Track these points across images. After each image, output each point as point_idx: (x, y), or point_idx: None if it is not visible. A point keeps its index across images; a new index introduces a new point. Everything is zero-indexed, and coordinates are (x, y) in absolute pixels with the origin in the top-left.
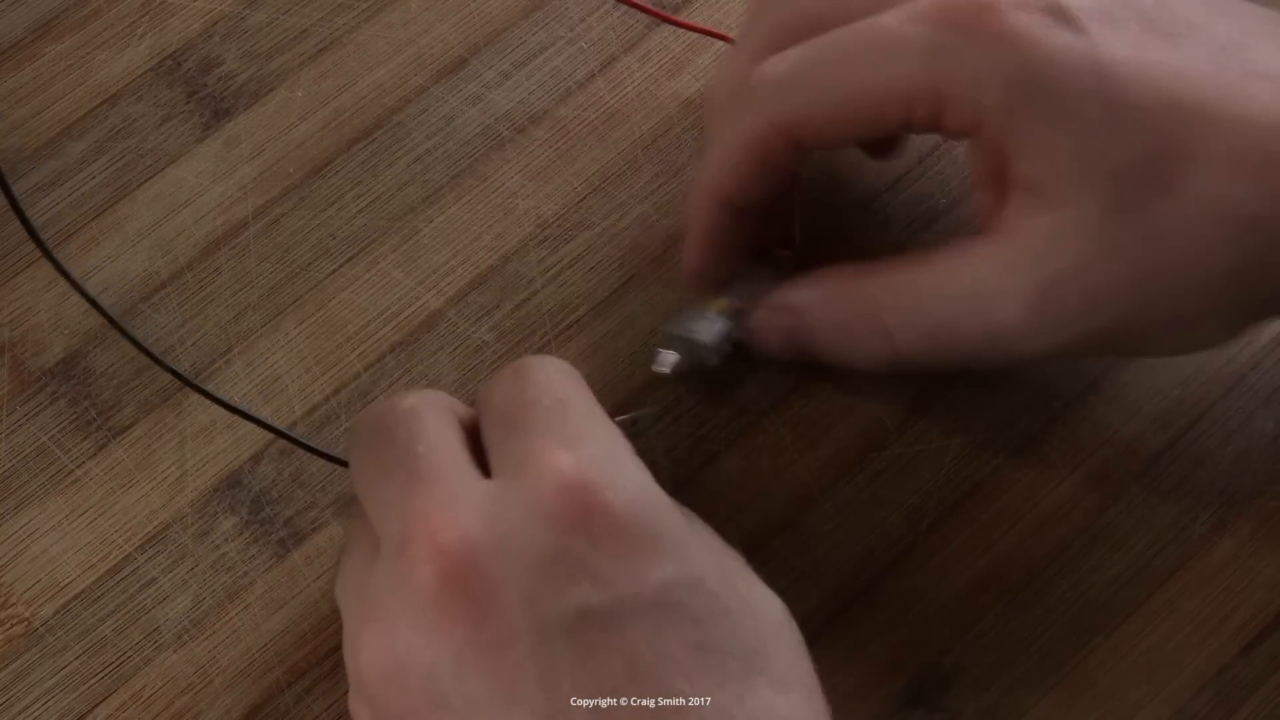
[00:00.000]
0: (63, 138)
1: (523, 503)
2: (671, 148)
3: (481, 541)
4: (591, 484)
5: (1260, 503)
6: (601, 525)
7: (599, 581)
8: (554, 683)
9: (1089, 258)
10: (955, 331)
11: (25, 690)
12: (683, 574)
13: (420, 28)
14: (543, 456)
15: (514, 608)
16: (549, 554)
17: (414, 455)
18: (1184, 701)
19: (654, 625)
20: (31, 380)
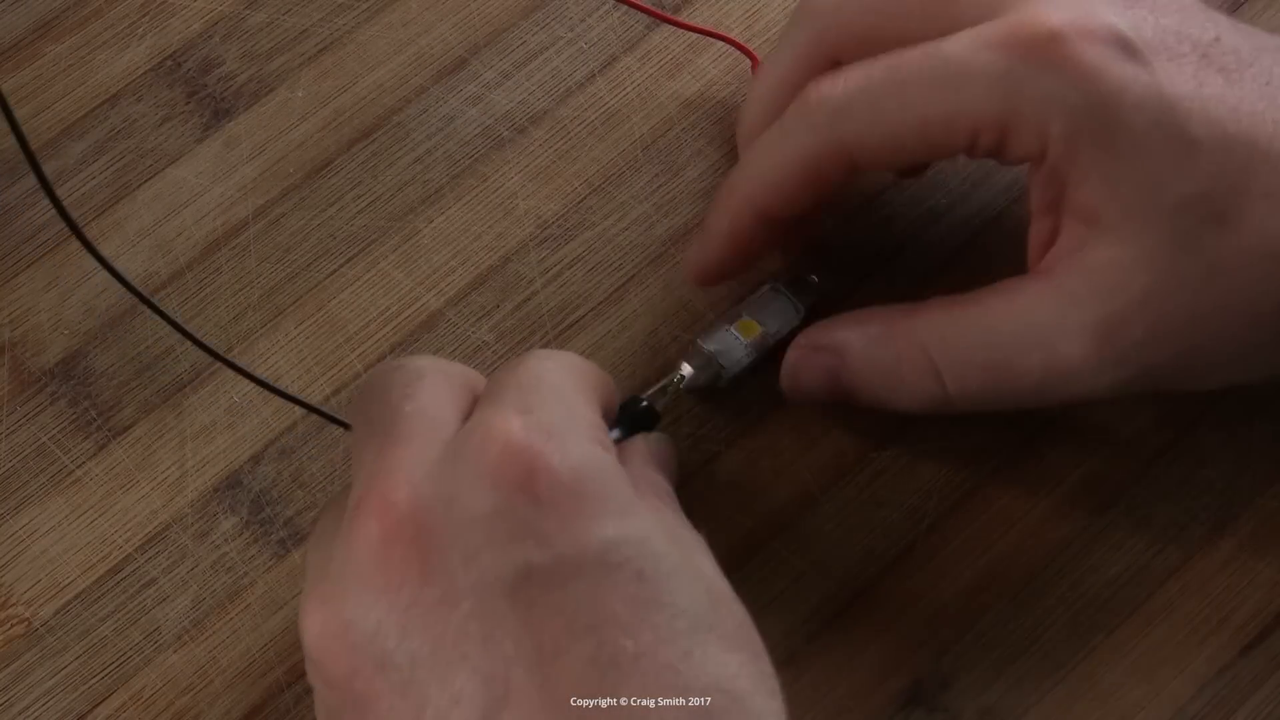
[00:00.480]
0: (63, 138)
1: (469, 463)
2: (671, 148)
3: (429, 500)
4: (536, 447)
5: (1260, 503)
6: (545, 485)
7: (540, 540)
8: (495, 642)
9: (1152, 292)
10: (1011, 371)
11: (25, 690)
12: (626, 534)
13: (420, 28)
14: (494, 420)
15: (458, 567)
16: (492, 513)
17: (399, 416)
18: (1184, 701)
19: (595, 583)
20: (32, 380)
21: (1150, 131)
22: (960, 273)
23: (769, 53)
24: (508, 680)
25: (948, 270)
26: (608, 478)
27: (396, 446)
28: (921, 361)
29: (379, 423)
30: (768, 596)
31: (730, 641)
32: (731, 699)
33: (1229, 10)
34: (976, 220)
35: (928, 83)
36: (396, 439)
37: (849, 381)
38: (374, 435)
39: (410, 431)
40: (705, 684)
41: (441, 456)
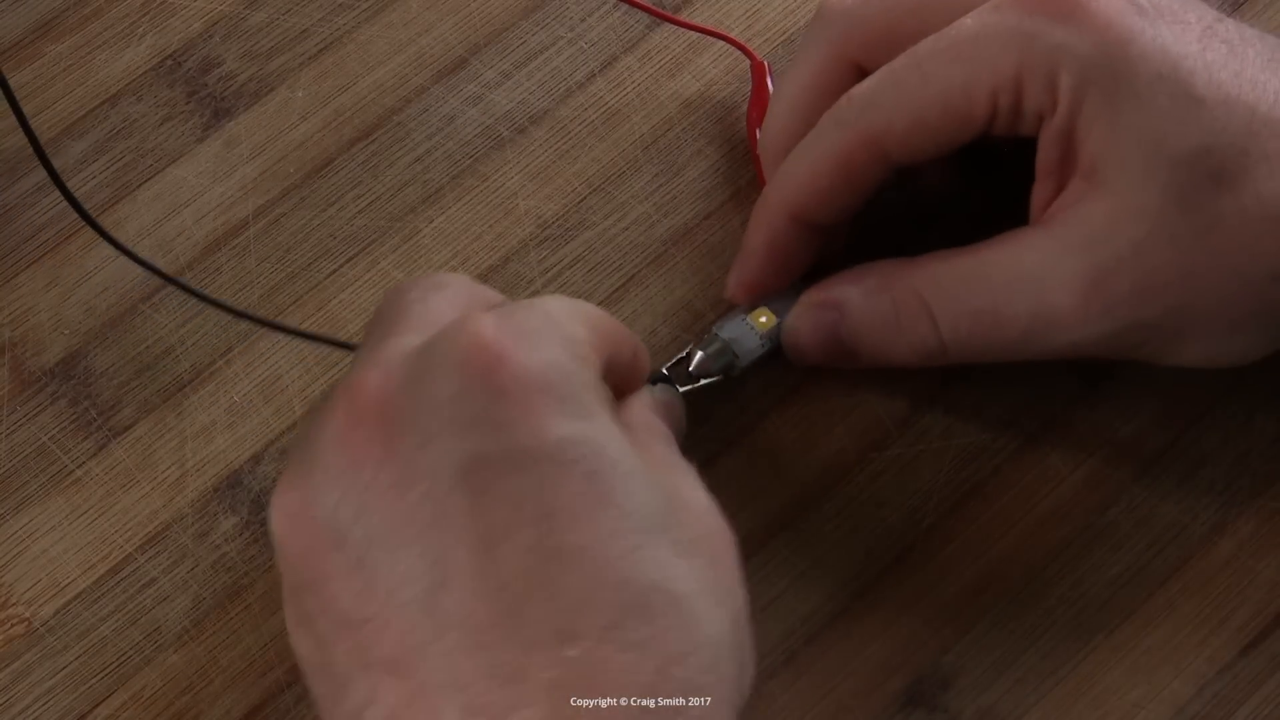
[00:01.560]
0: (63, 137)
1: (440, 351)
2: (672, 148)
3: (396, 384)
4: (506, 341)
5: (1260, 503)
6: (508, 377)
7: (496, 429)
8: (443, 525)
9: (1145, 246)
10: (1003, 317)
11: (25, 690)
12: (582, 434)
13: (420, 28)
14: (470, 318)
15: (415, 449)
16: (453, 398)
17: (406, 313)
18: (1184, 702)
19: (545, 476)
20: (32, 380)
21: (1155, 84)
22: None
23: (789, 62)
24: (451, 563)
25: None
26: (573, 382)
27: (393, 336)
28: (917, 308)
29: (386, 319)
30: (768, 596)
31: (684, 547)
32: (671, 599)
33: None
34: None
35: (944, 53)
36: (396, 330)
37: (849, 335)
38: (375, 329)
39: (409, 325)
40: (645, 582)
41: (418, 348)
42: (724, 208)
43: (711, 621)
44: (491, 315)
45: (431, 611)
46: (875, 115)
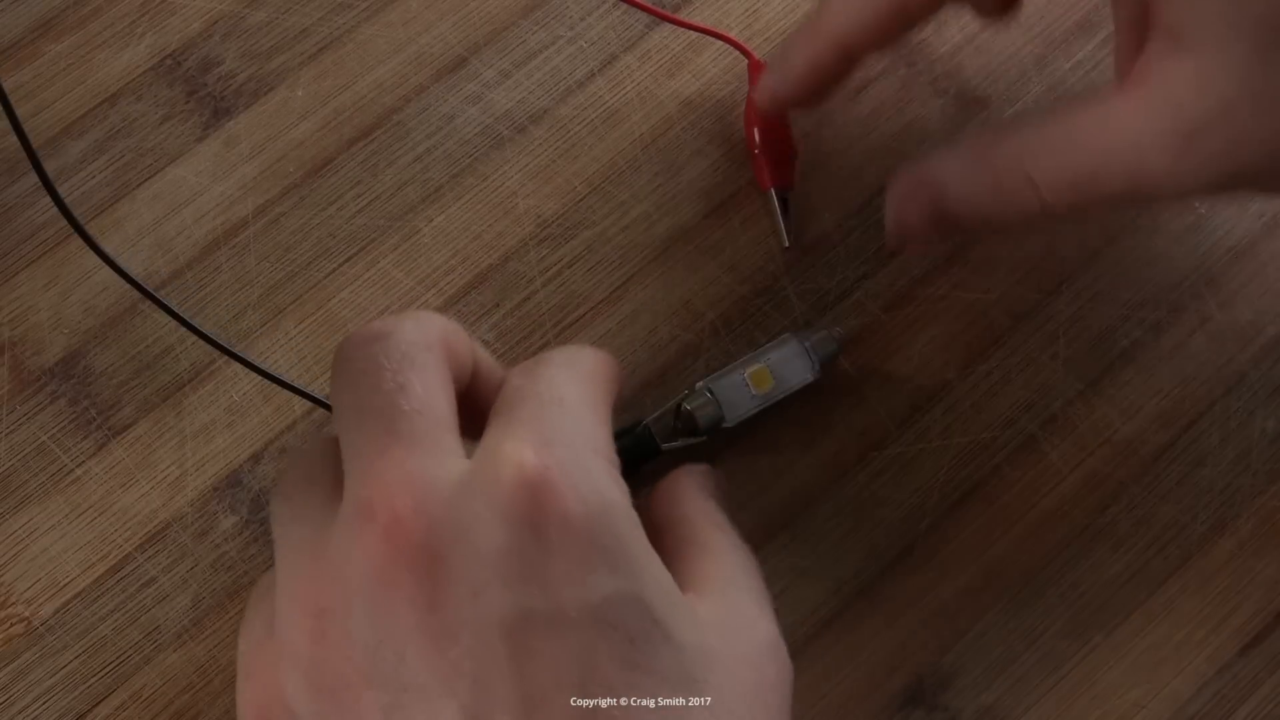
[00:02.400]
0: (63, 137)
1: (485, 494)
2: (671, 147)
3: (442, 526)
4: (552, 485)
5: (1260, 502)
6: (555, 529)
7: (544, 586)
8: (486, 682)
9: (1233, 103)
10: (1101, 180)
11: (25, 689)
12: (625, 591)
13: (420, 27)
14: (514, 450)
15: (463, 600)
16: (502, 551)
17: (398, 412)
18: (1184, 701)
19: (588, 639)
20: (32, 379)
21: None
22: (961, 272)
23: None
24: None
25: (948, 270)
26: (619, 525)
27: (400, 450)
28: (1019, 178)
29: (376, 412)
30: None
31: (719, 714)
32: None
33: None
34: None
35: None
36: (399, 438)
37: (953, 207)
38: (369, 425)
39: (412, 432)
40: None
41: (455, 478)
42: (724, 207)
43: None
44: (530, 447)
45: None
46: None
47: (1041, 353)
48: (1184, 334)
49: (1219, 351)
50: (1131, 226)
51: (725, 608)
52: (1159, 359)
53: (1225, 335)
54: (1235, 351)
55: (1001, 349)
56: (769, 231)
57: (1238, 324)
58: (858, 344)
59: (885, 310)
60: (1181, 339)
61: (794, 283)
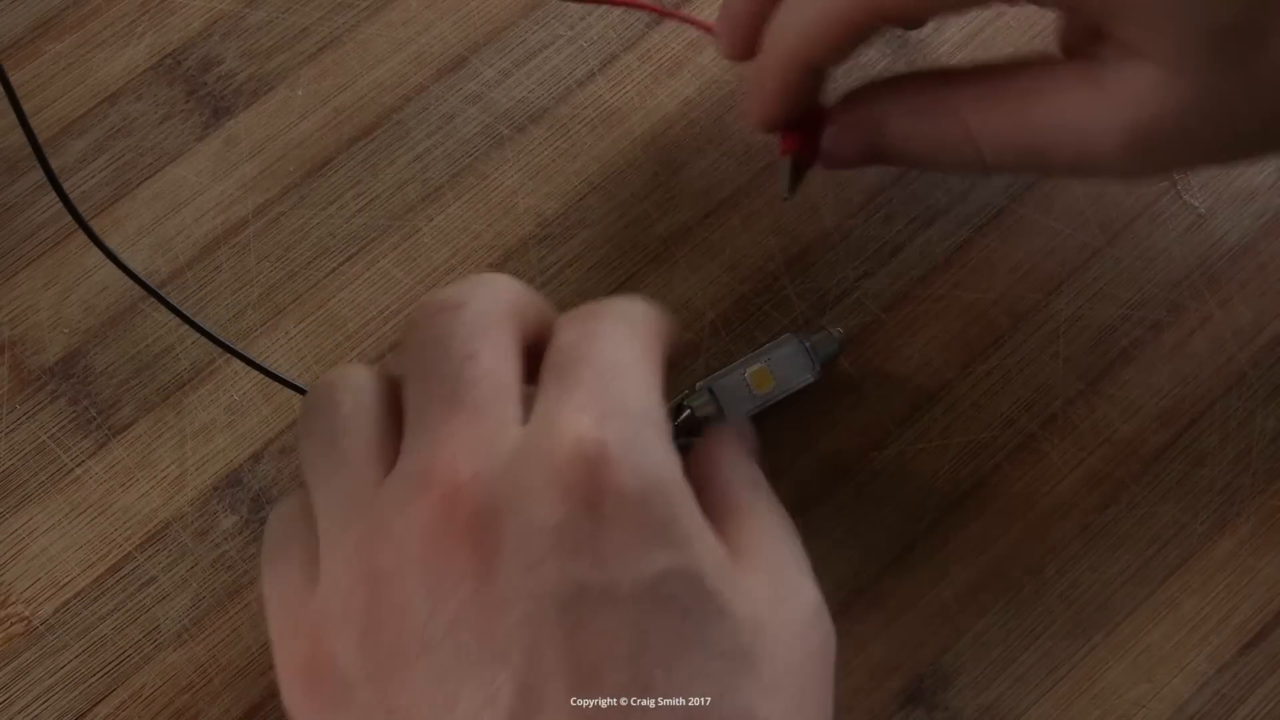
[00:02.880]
0: (63, 136)
1: (542, 466)
2: (671, 146)
3: (499, 498)
4: (610, 461)
5: (1260, 501)
6: (611, 504)
7: (599, 561)
8: (539, 654)
9: (1189, 106)
10: (1047, 154)
11: (25, 689)
12: (680, 567)
13: (420, 26)
14: (571, 421)
15: (518, 573)
16: (557, 524)
17: (463, 380)
18: (1184, 700)
19: (642, 613)
20: (31, 379)
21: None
22: (960, 272)
23: None
24: (543, 693)
25: (948, 270)
26: (674, 500)
27: (461, 418)
28: (961, 134)
29: (440, 381)
30: None
31: (770, 686)
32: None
33: None
34: (976, 219)
35: None
36: (462, 406)
37: (889, 147)
38: (435, 390)
39: (476, 402)
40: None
41: (511, 449)
42: (723, 206)
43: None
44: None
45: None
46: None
47: (1041, 352)
48: (1184, 334)
49: (1219, 351)
50: (1131, 226)
51: (770, 576)
52: (1159, 359)
53: (1225, 335)
54: (1235, 351)
55: (1001, 349)
56: (769, 230)
57: (1238, 324)
58: (857, 344)
59: (885, 310)
60: (1181, 339)
61: (794, 282)
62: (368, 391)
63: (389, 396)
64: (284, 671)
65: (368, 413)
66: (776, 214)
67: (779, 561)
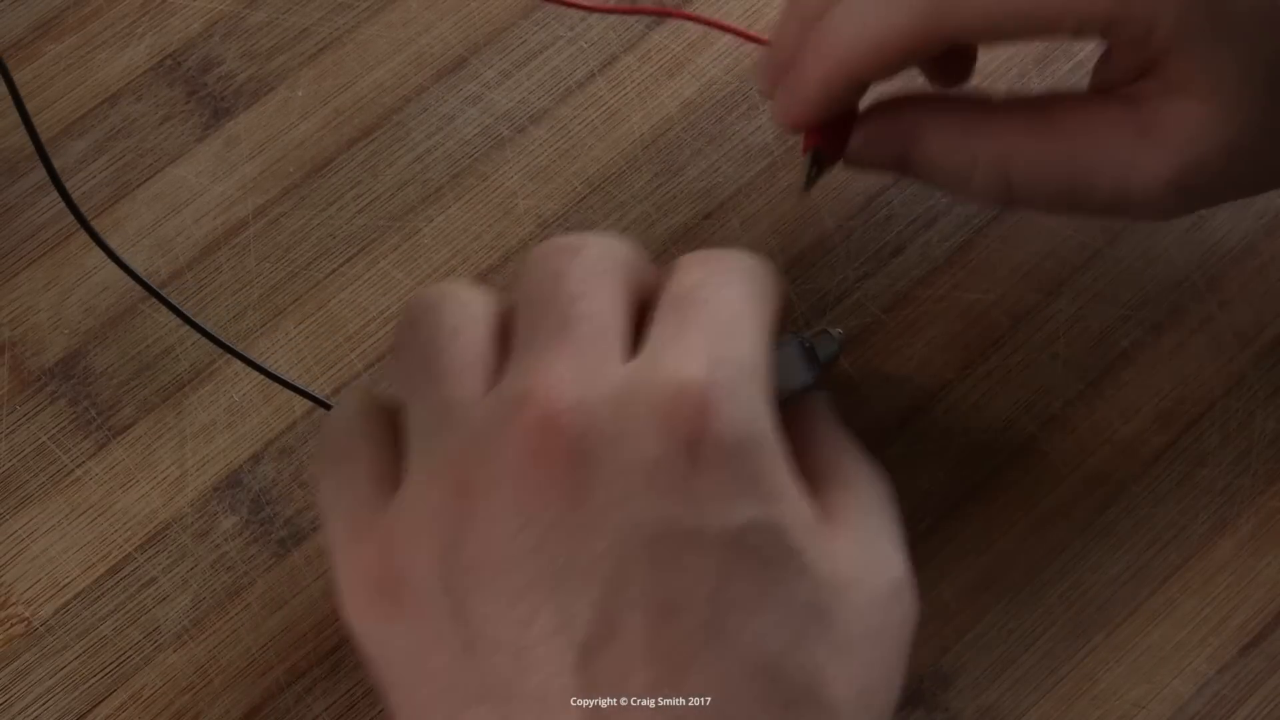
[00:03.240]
0: (63, 137)
1: (646, 403)
2: (671, 147)
3: (600, 426)
4: (714, 408)
5: (1260, 502)
6: (709, 449)
7: (690, 502)
8: (622, 584)
9: (1235, 146)
10: (1081, 193)
11: (25, 690)
12: (766, 519)
13: (420, 27)
14: (683, 363)
15: (610, 502)
16: (653, 460)
17: (574, 313)
18: (1184, 701)
19: (725, 558)
20: (31, 380)
21: (1251, 13)
22: (961, 273)
23: None
24: (620, 623)
25: (948, 271)
26: (767, 455)
27: (567, 348)
28: (995, 169)
29: (550, 313)
30: None
31: (843, 648)
32: (818, 705)
33: None
34: (976, 220)
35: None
36: (569, 340)
37: (916, 166)
38: (543, 325)
39: (582, 337)
40: (798, 683)
41: (616, 383)
42: (724, 208)
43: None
44: (700, 362)
45: (590, 661)
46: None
47: (1041, 353)
48: (1184, 334)
49: (1219, 351)
50: (1132, 227)
51: (861, 543)
52: (1159, 359)
53: (1225, 335)
54: (1235, 351)
55: (1001, 349)
56: (770, 231)
57: (1238, 324)
58: (858, 344)
59: (885, 311)
60: (1181, 339)
61: (794, 283)
62: (476, 307)
63: (496, 319)
64: (348, 579)
65: (474, 328)
66: (777, 215)
67: (871, 530)
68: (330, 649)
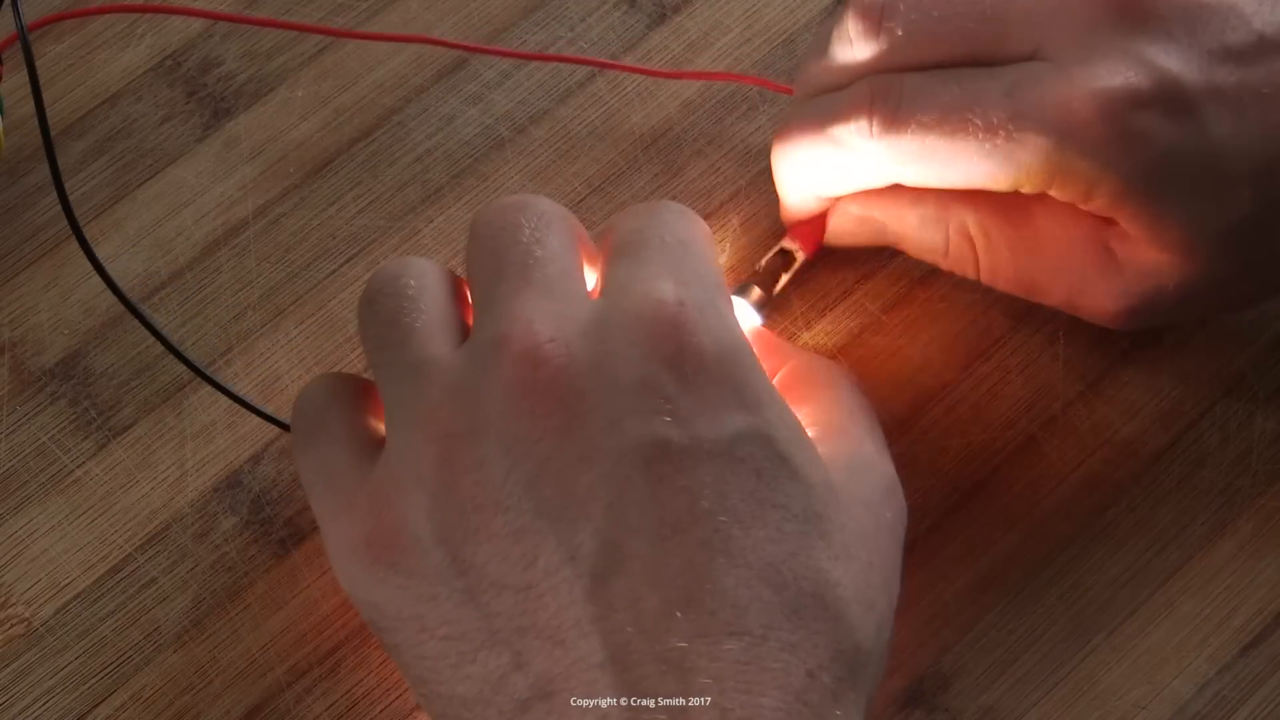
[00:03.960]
0: (63, 137)
1: (623, 327)
2: (671, 147)
3: (581, 356)
4: (691, 324)
5: (1260, 502)
6: (692, 365)
7: (680, 419)
8: (621, 509)
9: (1188, 282)
10: (1040, 289)
11: (25, 690)
12: (755, 429)
13: (420, 27)
14: (651, 287)
15: (600, 428)
16: (640, 383)
17: (532, 259)
18: (1184, 701)
19: (720, 471)
20: (32, 380)
21: (1197, 182)
22: None
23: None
24: (626, 548)
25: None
26: (747, 368)
27: (534, 290)
28: (966, 251)
29: (511, 261)
30: None
31: (841, 550)
32: (823, 606)
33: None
34: None
35: (977, 151)
36: (533, 282)
37: (893, 242)
38: (503, 272)
39: (546, 278)
40: (802, 587)
41: (591, 312)
42: (724, 208)
43: (860, 627)
44: (669, 284)
45: (599, 590)
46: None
47: (1041, 353)
48: (1184, 334)
49: (1219, 352)
50: None
51: (845, 448)
52: (1159, 359)
53: (1225, 335)
54: (1235, 352)
55: (1001, 350)
56: (770, 232)
57: (1238, 324)
58: (858, 345)
59: (885, 311)
60: (1182, 339)
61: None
62: (432, 274)
63: (454, 282)
64: (340, 547)
65: (436, 289)
66: (777, 215)
67: (855, 435)
68: (331, 649)
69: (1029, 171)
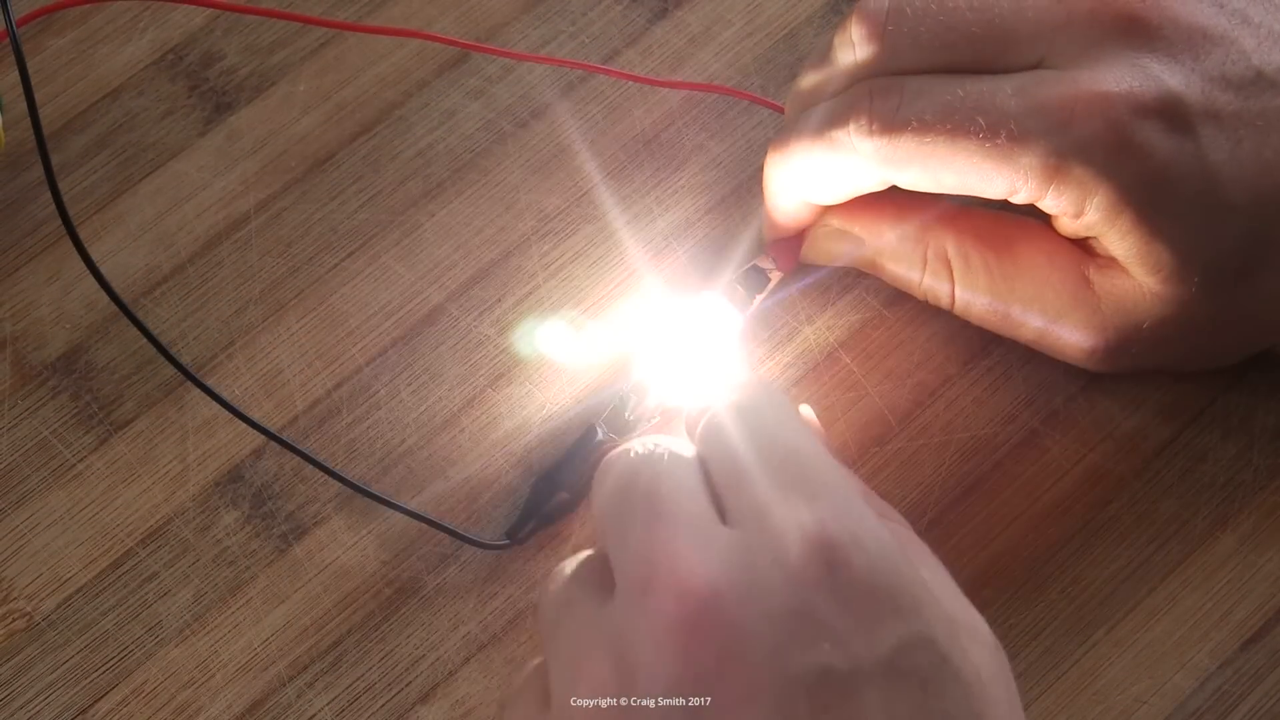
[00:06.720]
0: (65, 132)
1: (768, 556)
2: (673, 142)
3: (728, 590)
4: (834, 540)
5: (1262, 497)
6: (844, 584)
7: (839, 643)
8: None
9: (1164, 322)
10: (1014, 322)
11: (27, 685)
12: (915, 635)
13: (422, 22)
14: (784, 512)
15: (759, 662)
16: (794, 610)
17: (657, 495)
18: (1185, 696)
19: (886, 691)
20: (33, 374)
21: (1190, 202)
22: None
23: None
24: None
25: None
26: (898, 569)
27: (666, 525)
28: (943, 274)
29: (637, 501)
30: None
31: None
32: None
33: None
34: None
35: (977, 151)
36: (662, 517)
37: (870, 262)
38: (633, 515)
39: (675, 510)
40: None
41: (729, 544)
42: (725, 202)
43: None
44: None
45: None
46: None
47: None
48: None
49: None
50: None
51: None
52: None
53: None
54: None
55: (1003, 344)
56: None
57: None
58: (860, 340)
59: (887, 306)
60: None
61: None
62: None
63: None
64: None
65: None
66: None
67: (955, 603)
68: (332, 644)
69: (1028, 174)
